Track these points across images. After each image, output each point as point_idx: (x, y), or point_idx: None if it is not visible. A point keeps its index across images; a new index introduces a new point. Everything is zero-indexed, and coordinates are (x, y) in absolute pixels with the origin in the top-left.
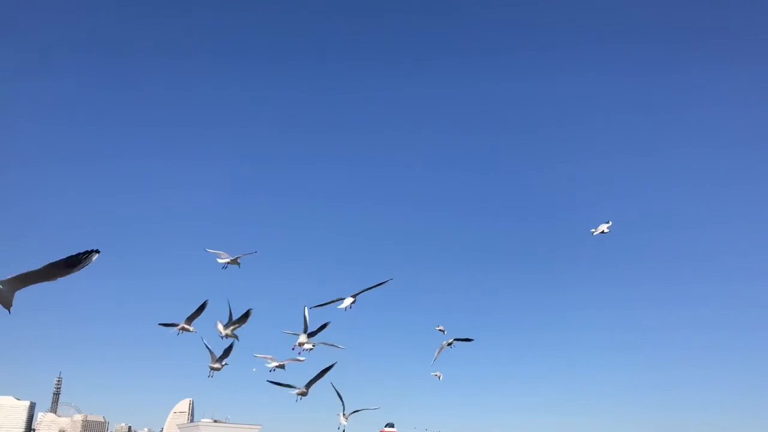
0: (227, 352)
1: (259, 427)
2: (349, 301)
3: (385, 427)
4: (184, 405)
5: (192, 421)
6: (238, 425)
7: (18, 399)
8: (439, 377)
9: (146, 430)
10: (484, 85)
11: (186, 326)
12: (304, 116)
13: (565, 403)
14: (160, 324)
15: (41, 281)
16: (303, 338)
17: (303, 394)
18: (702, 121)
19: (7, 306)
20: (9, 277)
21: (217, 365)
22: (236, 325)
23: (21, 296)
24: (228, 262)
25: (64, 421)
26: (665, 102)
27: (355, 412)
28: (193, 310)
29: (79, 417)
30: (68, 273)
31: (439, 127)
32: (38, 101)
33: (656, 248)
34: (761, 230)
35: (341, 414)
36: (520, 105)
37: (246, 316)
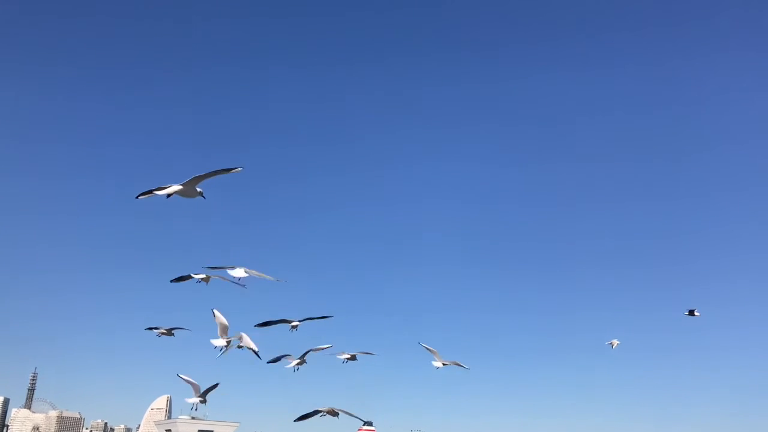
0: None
1: (237, 425)
2: (240, 271)
3: (363, 426)
4: (161, 402)
5: (169, 417)
6: (216, 422)
7: None
8: (613, 345)
9: (123, 426)
10: None
11: (166, 332)
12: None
13: (544, 404)
14: (146, 329)
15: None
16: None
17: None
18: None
19: (194, 195)
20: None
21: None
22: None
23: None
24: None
25: (38, 417)
26: None
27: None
28: (207, 388)
29: (54, 413)
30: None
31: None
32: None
33: None
34: None
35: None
36: None
37: (213, 387)
